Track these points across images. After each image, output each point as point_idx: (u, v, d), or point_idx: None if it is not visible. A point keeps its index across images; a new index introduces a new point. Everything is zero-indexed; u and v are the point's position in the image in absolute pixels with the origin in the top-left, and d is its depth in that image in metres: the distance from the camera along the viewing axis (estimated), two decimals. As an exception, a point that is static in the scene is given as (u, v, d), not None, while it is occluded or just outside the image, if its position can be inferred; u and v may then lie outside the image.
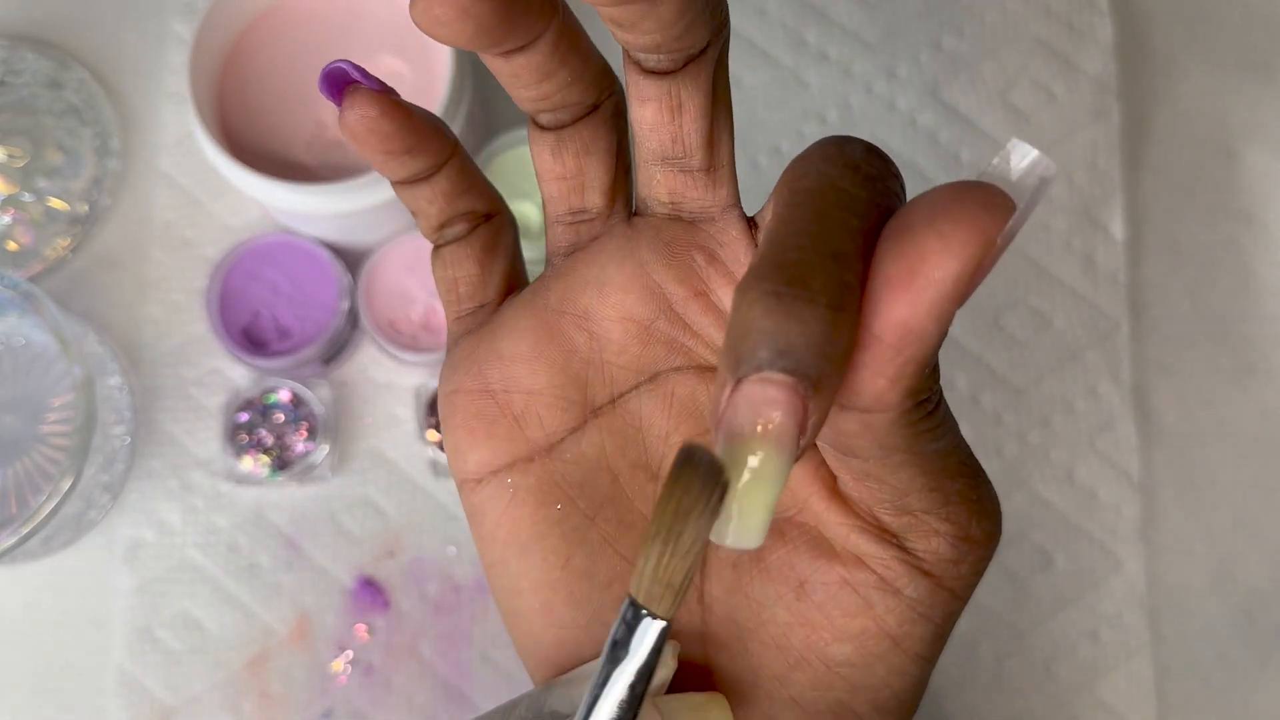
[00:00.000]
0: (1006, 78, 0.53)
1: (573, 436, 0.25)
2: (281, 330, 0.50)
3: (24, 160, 0.52)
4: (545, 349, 0.25)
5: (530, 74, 0.22)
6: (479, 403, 0.25)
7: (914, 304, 0.18)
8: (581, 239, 0.25)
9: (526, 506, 0.25)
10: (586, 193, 0.25)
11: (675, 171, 0.23)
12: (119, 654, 0.48)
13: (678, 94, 0.22)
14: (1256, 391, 0.52)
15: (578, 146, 0.24)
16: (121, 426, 0.49)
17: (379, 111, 0.23)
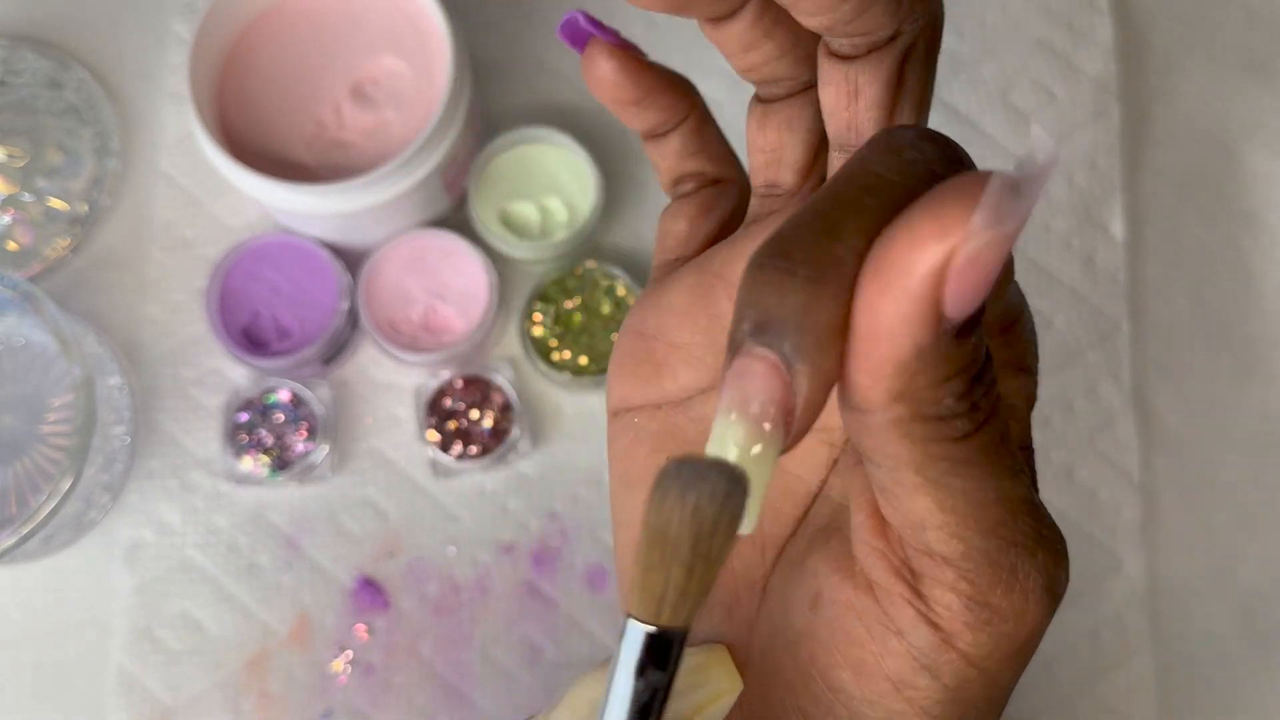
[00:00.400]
0: (1006, 78, 0.53)
1: (701, 396, 0.25)
2: (281, 330, 0.50)
3: (24, 160, 0.52)
4: (696, 308, 0.25)
5: (733, 43, 0.23)
6: (633, 343, 0.26)
7: (881, 299, 0.17)
8: (765, 211, 0.25)
9: (643, 448, 0.26)
10: (782, 169, 0.25)
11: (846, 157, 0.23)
12: (119, 654, 0.48)
13: (854, 79, 0.22)
14: (1257, 392, 0.52)
15: (780, 121, 0.24)
16: (121, 426, 0.49)
17: (613, 65, 0.25)
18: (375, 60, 0.48)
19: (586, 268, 0.50)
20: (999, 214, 0.16)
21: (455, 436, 0.49)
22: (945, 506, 0.19)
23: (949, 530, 0.19)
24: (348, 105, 0.48)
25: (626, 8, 0.54)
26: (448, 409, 0.49)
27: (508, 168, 0.50)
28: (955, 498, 0.19)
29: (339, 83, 0.49)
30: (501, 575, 0.49)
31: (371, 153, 0.48)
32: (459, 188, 0.50)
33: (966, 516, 0.19)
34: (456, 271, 0.49)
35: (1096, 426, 0.51)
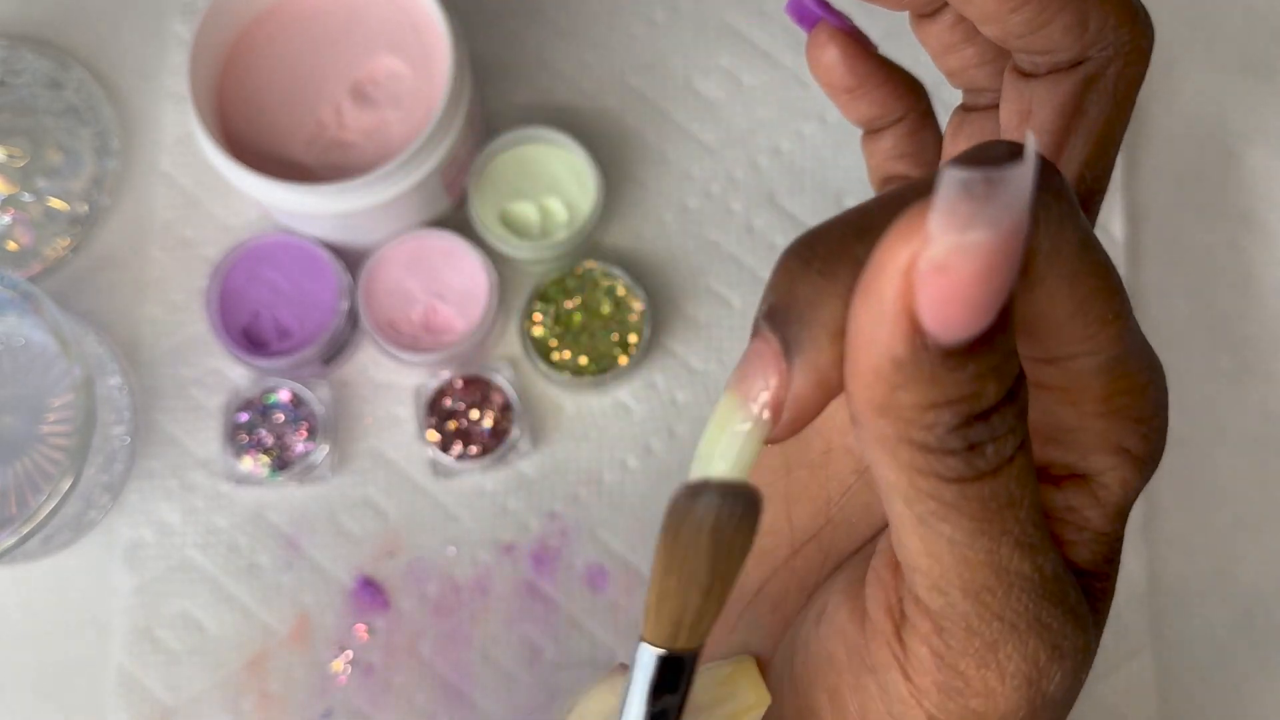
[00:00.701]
0: (1006, 78, 0.53)
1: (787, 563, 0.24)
2: (281, 330, 0.49)
3: (24, 160, 0.52)
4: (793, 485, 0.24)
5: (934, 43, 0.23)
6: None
7: (860, 300, 0.16)
8: None
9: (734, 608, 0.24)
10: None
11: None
12: (119, 654, 0.48)
13: (1029, 99, 0.22)
14: (1256, 392, 0.52)
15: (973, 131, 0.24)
16: (121, 426, 0.49)
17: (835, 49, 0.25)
18: (375, 60, 0.48)
19: (586, 268, 0.50)
20: (956, 218, 0.14)
21: (455, 436, 0.49)
22: (930, 551, 0.18)
23: (931, 579, 0.18)
24: (348, 105, 0.48)
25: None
26: (448, 409, 0.49)
27: (508, 168, 0.50)
28: (941, 545, 0.17)
29: (339, 83, 0.49)
30: (501, 575, 0.49)
31: (371, 153, 0.48)
32: (459, 188, 0.50)
33: (950, 570, 0.18)
34: (456, 271, 0.49)
35: (1096, 426, 0.51)
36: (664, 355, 0.51)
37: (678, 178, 0.52)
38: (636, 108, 0.53)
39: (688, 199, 0.52)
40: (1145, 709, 0.49)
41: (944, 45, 0.23)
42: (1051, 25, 0.20)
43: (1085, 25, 0.20)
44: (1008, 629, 0.18)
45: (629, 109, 0.53)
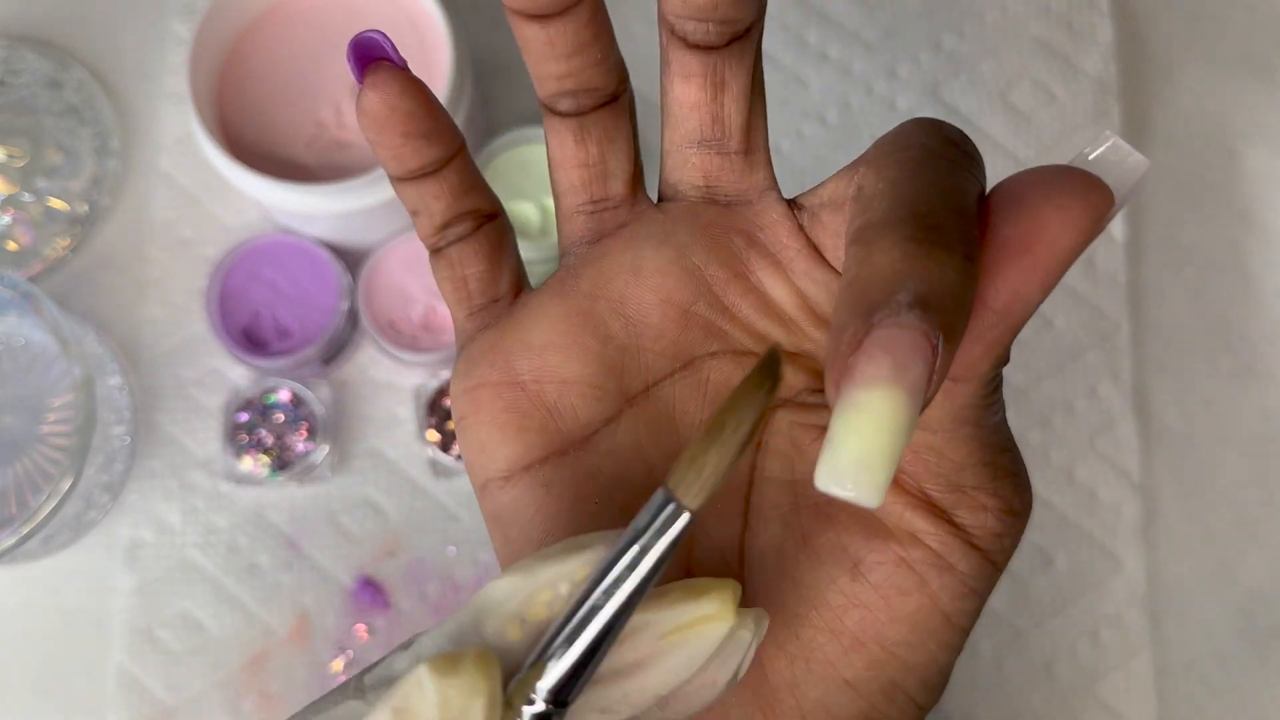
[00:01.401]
0: (1006, 78, 0.53)
1: (608, 428, 0.24)
2: (281, 330, 0.50)
3: (24, 160, 0.52)
4: (580, 336, 0.24)
5: (565, 43, 0.22)
6: (508, 395, 0.24)
7: (1028, 271, 0.18)
8: (607, 227, 0.25)
9: (565, 501, 0.24)
10: (609, 180, 0.24)
11: (712, 154, 0.23)
12: (119, 654, 0.48)
13: (721, 72, 0.22)
14: (1256, 392, 0.52)
15: (600, 134, 0.24)
16: (121, 426, 0.49)
17: (402, 90, 0.22)
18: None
19: (586, 268, 0.50)
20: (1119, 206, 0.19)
21: (455, 436, 0.49)
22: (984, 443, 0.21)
23: (984, 460, 0.22)
24: (348, 105, 0.48)
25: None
26: (448, 409, 0.49)
27: (508, 168, 0.50)
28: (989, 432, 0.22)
29: (339, 83, 0.49)
30: (501, 575, 0.49)
31: (371, 153, 0.48)
32: (459, 188, 0.50)
33: (994, 443, 0.22)
34: (456, 271, 0.49)
35: (1096, 427, 0.51)
36: (664, 355, 0.51)
37: (678, 178, 0.52)
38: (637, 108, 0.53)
39: (688, 199, 0.52)
40: (1145, 709, 0.49)
41: (576, 44, 0.22)
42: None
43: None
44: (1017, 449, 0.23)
45: (629, 109, 0.53)
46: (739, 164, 0.23)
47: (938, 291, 0.18)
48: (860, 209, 0.20)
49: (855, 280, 0.18)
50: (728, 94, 0.22)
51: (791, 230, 0.23)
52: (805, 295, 0.23)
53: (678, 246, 0.24)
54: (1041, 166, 0.19)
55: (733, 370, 0.24)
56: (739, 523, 0.24)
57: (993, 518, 0.22)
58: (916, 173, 0.20)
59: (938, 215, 0.18)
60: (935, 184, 0.19)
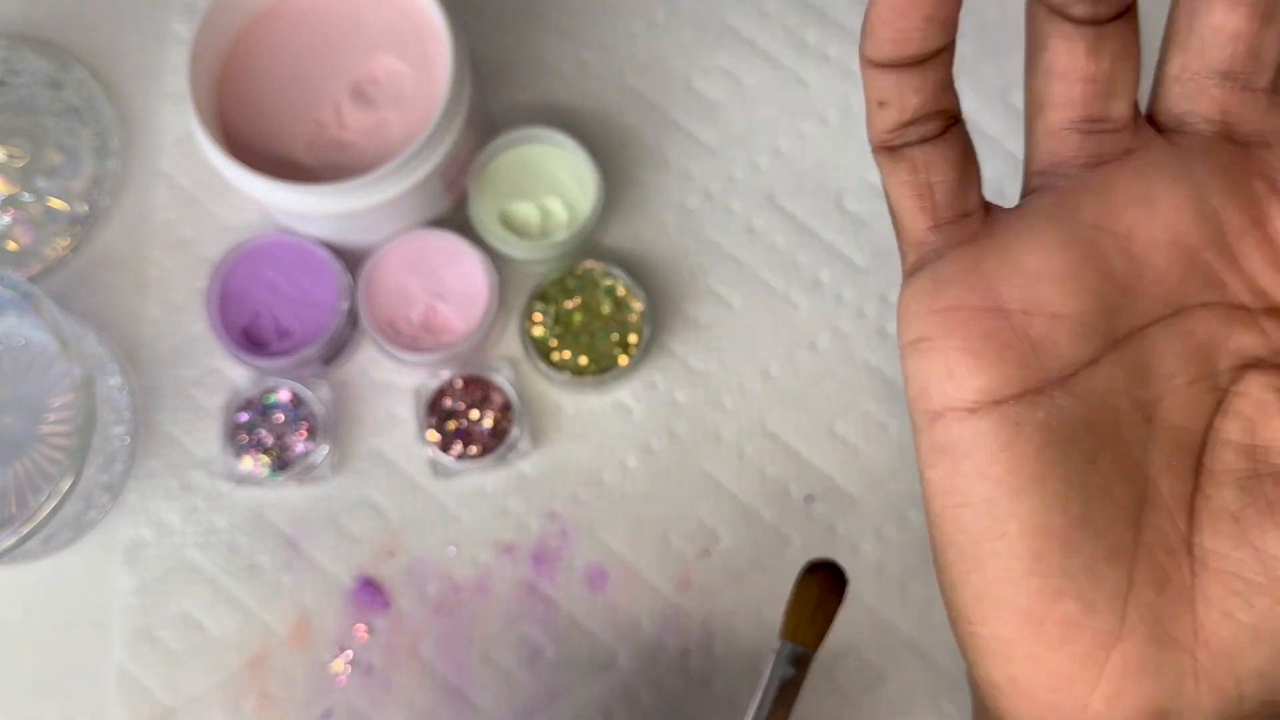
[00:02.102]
0: (1006, 78, 0.53)
1: (1088, 370, 0.22)
2: (281, 330, 0.50)
3: (24, 160, 0.52)
4: (1081, 268, 0.22)
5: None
6: (988, 322, 0.22)
7: None
8: (1106, 151, 0.23)
9: (1032, 444, 0.22)
10: (1114, 100, 0.22)
11: (1236, 89, 0.22)
12: (119, 654, 0.48)
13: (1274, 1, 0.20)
14: (1257, 391, 0.52)
15: (1116, 48, 0.22)
16: (121, 426, 0.49)
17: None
18: (375, 60, 0.48)
19: (586, 268, 0.50)
20: None
21: (455, 436, 0.49)
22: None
23: None
24: (348, 105, 0.48)
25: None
26: (448, 409, 0.49)
27: (508, 168, 0.50)
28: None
29: (339, 83, 0.49)
30: (501, 575, 0.49)
31: (371, 153, 0.48)
32: (459, 188, 0.50)
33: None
34: (456, 271, 0.49)
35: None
36: (664, 355, 0.51)
37: (678, 178, 0.52)
38: (636, 108, 0.53)
39: (688, 199, 0.52)
40: (1145, 709, 0.49)
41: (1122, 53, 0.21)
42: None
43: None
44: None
45: (629, 109, 0.53)
46: (1264, 103, 0.22)
47: None
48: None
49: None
50: (1275, 26, 0.21)
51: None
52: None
53: (1195, 184, 0.22)
54: None
55: (1220, 326, 0.23)
56: (1191, 482, 0.23)
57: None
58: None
59: None
60: None
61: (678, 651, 0.48)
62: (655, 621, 0.48)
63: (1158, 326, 0.23)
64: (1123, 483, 0.23)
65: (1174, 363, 0.23)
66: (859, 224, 0.52)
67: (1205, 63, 0.22)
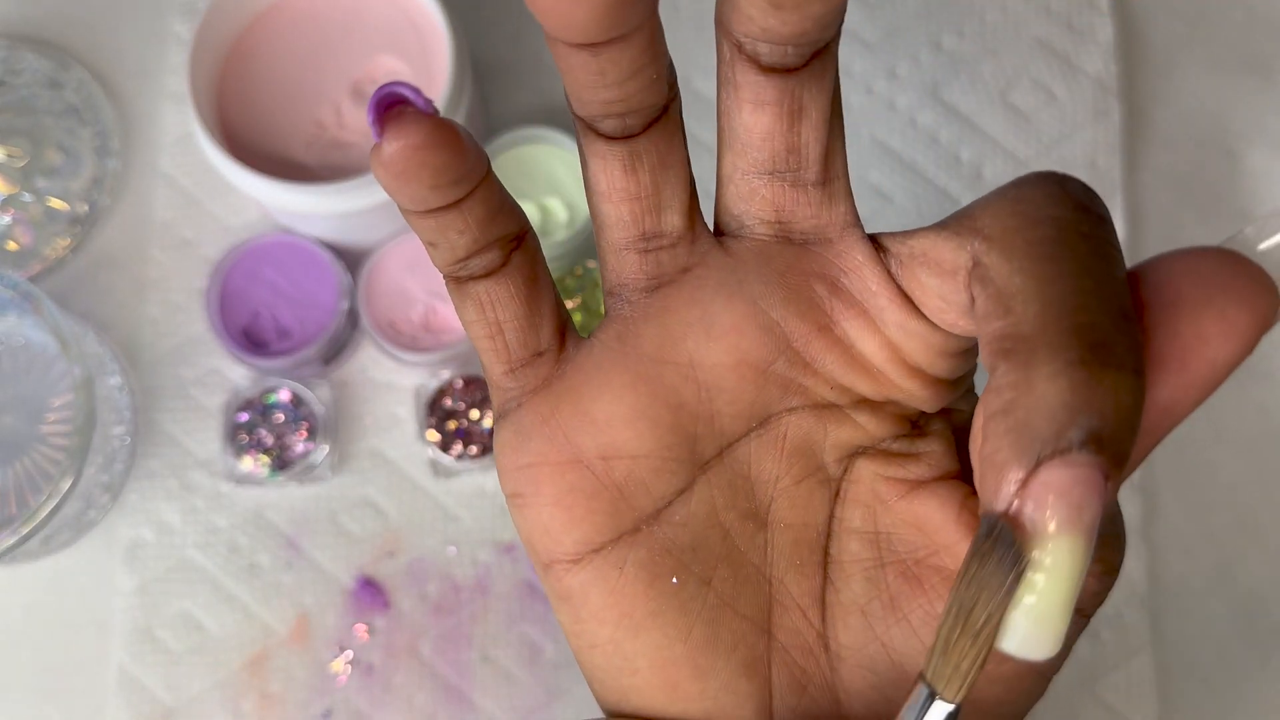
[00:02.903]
0: (1006, 78, 0.53)
1: (681, 498, 0.22)
2: (281, 330, 0.50)
3: (24, 160, 0.52)
4: (649, 407, 0.22)
5: (620, 69, 0.19)
6: (571, 475, 0.22)
7: (1183, 387, 0.17)
8: (665, 270, 0.22)
9: (639, 583, 0.22)
10: (664, 213, 0.21)
11: (785, 186, 0.21)
12: (119, 654, 0.48)
13: (799, 96, 0.19)
14: (1255, 391, 0.52)
15: (654, 160, 0.21)
16: (121, 426, 0.49)
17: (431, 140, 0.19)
18: (375, 60, 0.48)
19: (586, 268, 0.50)
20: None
21: (455, 436, 0.49)
22: None
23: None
24: (348, 105, 0.48)
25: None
26: (448, 409, 0.49)
27: (508, 168, 0.50)
28: None
29: (339, 83, 0.49)
30: (501, 575, 0.49)
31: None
32: (459, 188, 0.50)
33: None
34: (456, 271, 0.49)
35: (1096, 426, 0.51)
36: (664, 355, 0.51)
37: (678, 178, 0.52)
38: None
39: (688, 199, 0.52)
40: (1145, 709, 0.49)
41: (633, 69, 0.19)
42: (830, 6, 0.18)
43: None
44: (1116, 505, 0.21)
45: (629, 109, 0.53)
46: (816, 196, 0.21)
47: (1112, 423, 0.16)
48: (997, 306, 0.18)
49: (1014, 410, 0.16)
50: (806, 121, 0.20)
51: (879, 276, 0.21)
52: (897, 347, 0.21)
53: (751, 299, 0.21)
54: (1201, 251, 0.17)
55: (813, 425, 0.22)
56: (819, 577, 0.23)
57: (1094, 580, 0.20)
58: (1060, 264, 0.17)
59: (1102, 328, 0.16)
60: (1086, 279, 0.17)
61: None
62: (655, 621, 0.48)
63: (746, 440, 0.22)
64: (747, 593, 0.22)
65: (775, 467, 0.22)
66: (859, 224, 0.52)
67: (749, 161, 0.21)
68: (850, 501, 0.23)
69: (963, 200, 0.52)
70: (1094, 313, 0.17)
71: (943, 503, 0.22)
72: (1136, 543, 0.50)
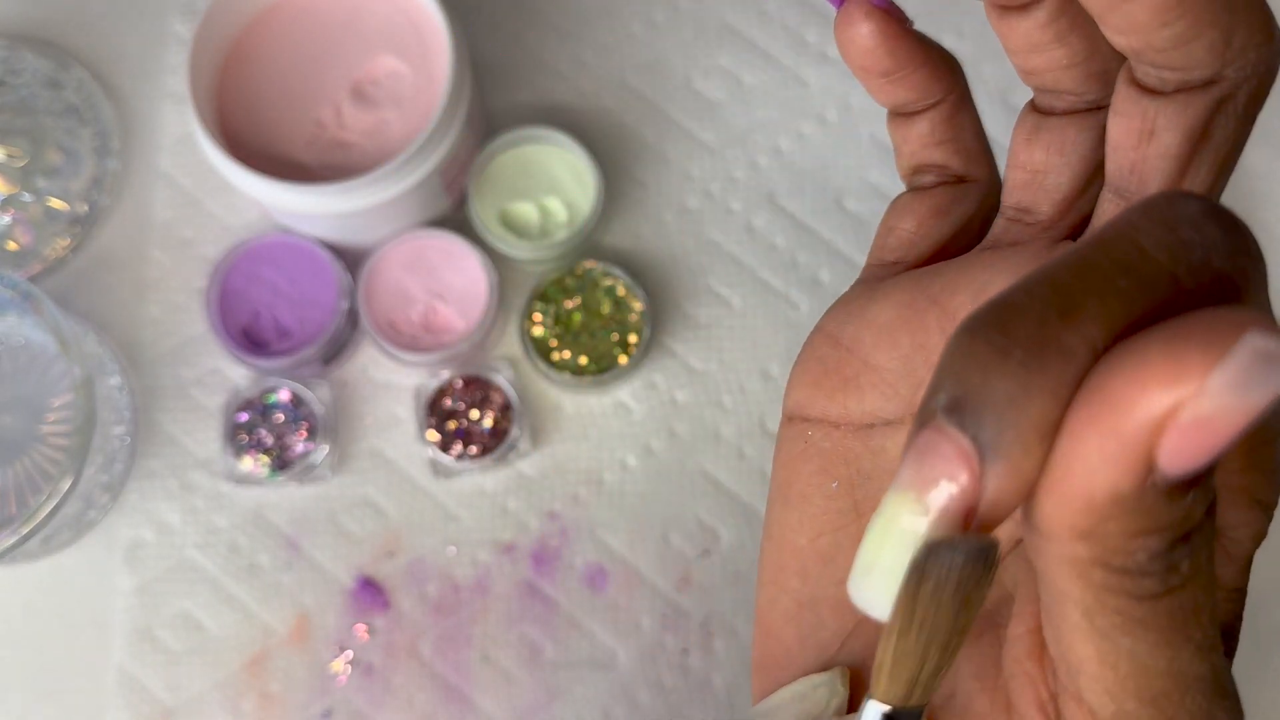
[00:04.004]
0: (1006, 78, 0.53)
1: (885, 427, 0.23)
2: (281, 330, 0.50)
3: (24, 160, 0.52)
4: (901, 330, 0.23)
5: (1020, 40, 0.21)
6: (824, 348, 0.24)
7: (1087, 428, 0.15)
8: (1006, 238, 0.23)
9: (810, 464, 0.23)
10: (1041, 193, 0.22)
11: (1124, 205, 0.20)
12: (119, 654, 0.48)
13: (1153, 118, 0.19)
14: (1256, 391, 0.52)
15: (1052, 140, 0.22)
16: (121, 426, 0.49)
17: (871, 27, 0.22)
18: (375, 60, 0.48)
19: (586, 268, 0.50)
20: (1245, 382, 0.14)
21: (455, 436, 0.49)
22: (1107, 661, 0.17)
23: (1104, 686, 0.17)
24: (348, 105, 0.48)
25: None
26: (448, 409, 0.49)
27: (508, 168, 0.50)
28: (1120, 656, 0.17)
29: (339, 83, 0.49)
30: (501, 575, 0.49)
31: (371, 153, 0.48)
32: (459, 188, 0.50)
33: (1127, 679, 0.17)
34: (456, 271, 0.49)
35: (1096, 426, 0.51)
36: (664, 355, 0.51)
37: (678, 178, 0.52)
38: (636, 108, 0.53)
39: (688, 199, 0.52)
40: (1145, 709, 0.49)
41: (1032, 43, 0.20)
42: (1196, 41, 0.18)
43: (1229, 43, 0.18)
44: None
45: (629, 109, 0.53)
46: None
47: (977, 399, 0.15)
48: None
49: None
50: (1153, 145, 0.20)
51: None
52: None
53: None
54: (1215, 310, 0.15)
55: None
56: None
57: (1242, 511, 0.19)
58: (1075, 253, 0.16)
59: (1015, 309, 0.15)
60: (1072, 271, 0.16)
61: (677, 651, 0.48)
62: (655, 621, 0.48)
63: None
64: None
65: None
66: (859, 224, 0.52)
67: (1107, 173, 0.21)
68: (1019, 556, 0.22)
69: (963, 200, 0.52)
70: (1032, 295, 0.16)
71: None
72: (1136, 543, 0.50)
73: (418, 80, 0.48)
